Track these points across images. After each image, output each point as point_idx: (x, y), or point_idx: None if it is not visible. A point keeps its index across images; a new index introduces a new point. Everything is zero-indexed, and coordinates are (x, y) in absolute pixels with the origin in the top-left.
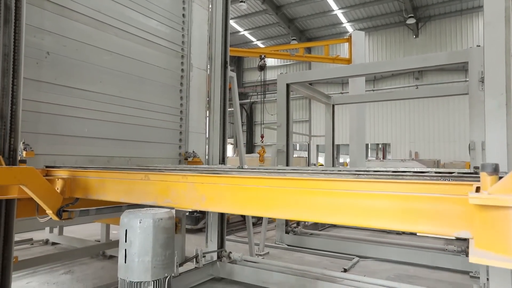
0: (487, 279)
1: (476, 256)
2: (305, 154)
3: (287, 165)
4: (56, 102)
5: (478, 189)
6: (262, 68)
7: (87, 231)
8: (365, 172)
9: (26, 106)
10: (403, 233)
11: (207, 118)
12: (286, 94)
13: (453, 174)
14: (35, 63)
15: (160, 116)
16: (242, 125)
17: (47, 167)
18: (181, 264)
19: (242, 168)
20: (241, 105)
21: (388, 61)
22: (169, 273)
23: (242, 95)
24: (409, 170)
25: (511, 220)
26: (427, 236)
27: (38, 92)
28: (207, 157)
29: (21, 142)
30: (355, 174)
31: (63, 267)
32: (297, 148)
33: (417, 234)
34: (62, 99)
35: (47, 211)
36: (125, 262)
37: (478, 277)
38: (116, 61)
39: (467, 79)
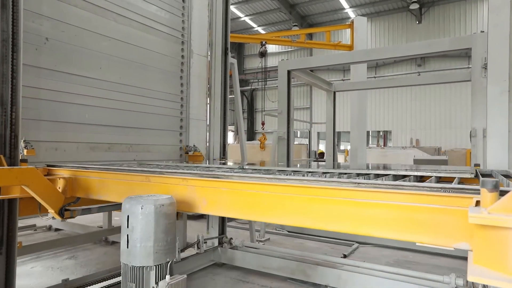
0: None
1: (474, 275)
2: (306, 141)
3: (288, 152)
4: (56, 89)
5: (478, 203)
6: (263, 54)
7: (89, 217)
8: (366, 176)
9: (26, 92)
10: None
11: (208, 105)
12: (287, 81)
13: (453, 186)
14: (34, 49)
15: (160, 103)
16: (243, 112)
17: (48, 166)
18: (182, 250)
19: (243, 168)
20: (242, 92)
21: (390, 47)
22: (171, 258)
23: (243, 82)
24: (410, 174)
25: (510, 241)
26: None
27: (38, 79)
28: (207, 144)
29: (22, 140)
30: (355, 183)
31: (67, 252)
32: (298, 135)
33: None
34: (62, 85)
35: (49, 211)
36: (128, 247)
37: None
38: (115, 47)
39: (470, 66)
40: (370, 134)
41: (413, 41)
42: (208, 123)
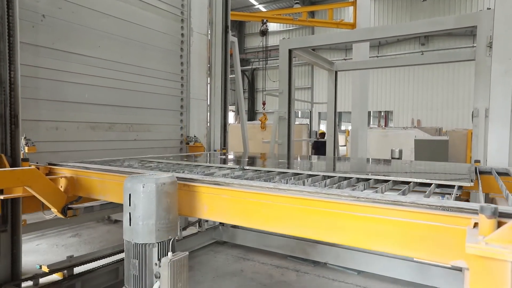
0: None
1: None
2: (306, 121)
3: (289, 133)
4: (55, 68)
5: (476, 225)
6: (264, 33)
7: None
8: (366, 182)
9: (25, 71)
10: None
11: (208, 84)
12: (288, 60)
13: (451, 204)
14: (31, 26)
15: (160, 82)
16: (243, 92)
17: (49, 164)
18: (184, 228)
19: (244, 169)
20: (243, 71)
21: (394, 25)
22: (173, 235)
23: (244, 61)
24: (410, 180)
25: (507, 272)
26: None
27: (36, 57)
28: (208, 125)
29: (23, 137)
30: (355, 197)
31: (71, 230)
32: (299, 116)
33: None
34: (61, 64)
35: (52, 209)
36: (130, 225)
37: None
38: (114, 25)
39: (475, 45)
40: (371, 114)
41: (417, 20)
42: (208, 103)
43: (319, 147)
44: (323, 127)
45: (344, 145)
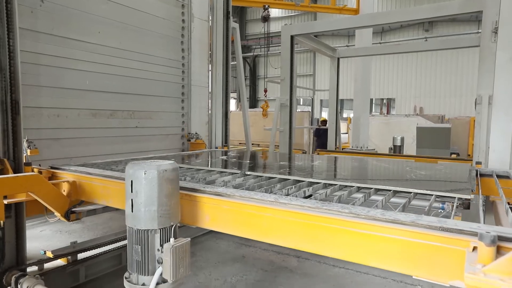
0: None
1: None
2: (308, 108)
3: (290, 120)
4: (55, 54)
5: (475, 248)
6: (266, 19)
7: None
8: (367, 193)
9: (25, 58)
10: None
11: (210, 71)
12: (290, 47)
13: (451, 225)
14: (29, 11)
15: (161, 69)
16: (245, 79)
17: (52, 168)
18: None
19: (245, 175)
20: (244, 58)
21: (397, 11)
22: (175, 222)
23: (245, 48)
24: (411, 191)
25: None
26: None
27: (36, 43)
28: (209, 112)
29: (25, 140)
30: (355, 214)
31: None
32: (301, 103)
33: None
34: (61, 50)
35: (55, 214)
36: (132, 212)
37: None
38: (114, 11)
39: (479, 31)
40: (374, 101)
41: (421, 5)
42: (210, 90)
43: (320, 135)
44: (325, 115)
45: (346, 133)
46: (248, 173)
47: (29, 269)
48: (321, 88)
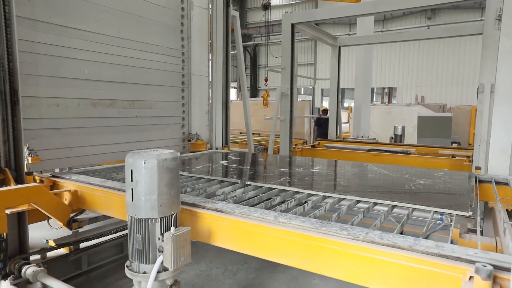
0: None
1: None
2: (309, 98)
3: (291, 109)
4: (53, 43)
5: (471, 277)
6: (266, 7)
7: None
8: (366, 209)
9: (23, 46)
10: None
11: (210, 60)
12: (291, 35)
13: (448, 252)
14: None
15: (161, 58)
16: (245, 68)
17: (53, 176)
18: None
19: (246, 185)
20: (245, 47)
21: None
22: (175, 211)
23: (246, 37)
24: (410, 206)
25: None
26: None
27: (34, 32)
28: (210, 101)
29: (25, 148)
30: (353, 237)
31: None
32: (302, 92)
33: None
34: (59, 39)
35: (57, 223)
36: (133, 201)
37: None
38: None
39: (483, 18)
40: (375, 91)
41: None
42: (210, 80)
43: (321, 124)
44: (325, 104)
45: (347, 122)
46: (248, 183)
47: (32, 258)
48: (322, 77)
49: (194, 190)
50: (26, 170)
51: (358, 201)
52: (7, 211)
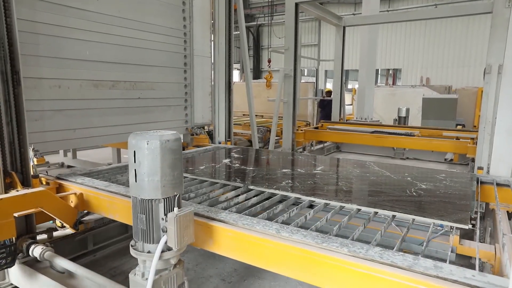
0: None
1: None
2: (313, 79)
3: (294, 91)
4: (53, 23)
5: None
6: None
7: (99, 154)
8: (367, 219)
9: (22, 26)
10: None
11: (212, 41)
12: (294, 15)
13: (446, 274)
14: None
15: (163, 38)
16: (248, 50)
17: (58, 178)
18: None
19: (248, 190)
20: (248, 28)
21: None
22: (178, 192)
23: (248, 17)
24: (410, 217)
25: None
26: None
27: (33, 11)
28: (212, 83)
29: (30, 149)
30: (352, 255)
31: None
32: (305, 74)
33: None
34: (59, 19)
35: (64, 225)
36: (136, 182)
37: None
38: None
39: None
40: (379, 72)
41: None
42: (212, 61)
43: (325, 106)
44: (329, 86)
45: (351, 104)
46: (251, 187)
47: (39, 237)
48: (326, 59)
49: (197, 196)
50: (32, 173)
51: (359, 210)
52: (15, 214)
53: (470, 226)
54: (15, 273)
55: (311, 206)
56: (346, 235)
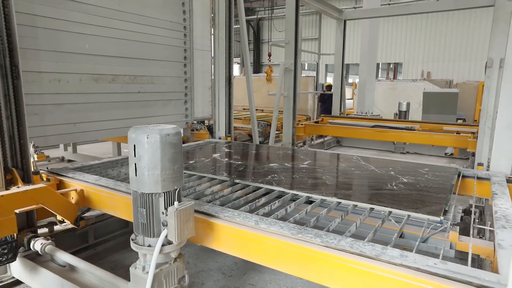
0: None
1: None
2: (313, 73)
3: (295, 85)
4: (52, 16)
5: None
6: None
7: (99, 149)
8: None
9: (21, 20)
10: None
11: (212, 35)
12: (295, 8)
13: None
14: None
15: (163, 32)
16: (248, 43)
17: (58, 175)
18: None
19: (234, 183)
20: (248, 21)
21: None
22: (179, 186)
23: (249, 11)
24: (384, 209)
25: None
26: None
27: (32, 4)
28: (212, 78)
29: (31, 145)
30: (326, 246)
31: None
32: (306, 68)
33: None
34: (58, 12)
35: (65, 221)
36: (136, 175)
37: None
38: None
39: None
40: (380, 66)
41: None
42: (212, 55)
43: (325, 100)
44: (329, 80)
45: (351, 98)
46: (237, 181)
47: (40, 231)
48: (326, 52)
49: (184, 190)
50: (33, 170)
51: (339, 203)
52: (16, 210)
53: (441, 218)
54: (16, 267)
55: (293, 199)
56: (324, 227)
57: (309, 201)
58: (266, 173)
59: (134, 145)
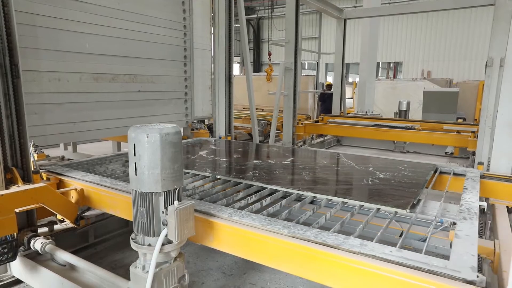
0: None
1: None
2: (313, 72)
3: (295, 84)
4: (52, 15)
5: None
6: None
7: (99, 148)
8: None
9: (21, 19)
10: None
11: (212, 34)
12: (295, 7)
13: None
14: None
15: (163, 31)
16: (248, 43)
17: (58, 174)
18: None
19: (216, 179)
20: (248, 20)
21: None
22: (179, 185)
23: (249, 10)
24: (355, 203)
25: None
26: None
27: (32, 3)
28: (212, 78)
29: (31, 145)
30: (293, 236)
31: None
32: (306, 67)
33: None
34: (58, 11)
35: (65, 220)
36: (136, 175)
37: None
38: None
39: None
40: (380, 65)
41: None
42: (212, 54)
43: (325, 99)
44: (330, 79)
45: (351, 98)
46: (219, 177)
47: (40, 230)
48: (326, 52)
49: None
50: (32, 169)
51: (314, 197)
52: (16, 210)
53: (408, 211)
54: (16, 266)
55: (270, 194)
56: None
57: (286, 196)
58: (248, 169)
59: (134, 145)
